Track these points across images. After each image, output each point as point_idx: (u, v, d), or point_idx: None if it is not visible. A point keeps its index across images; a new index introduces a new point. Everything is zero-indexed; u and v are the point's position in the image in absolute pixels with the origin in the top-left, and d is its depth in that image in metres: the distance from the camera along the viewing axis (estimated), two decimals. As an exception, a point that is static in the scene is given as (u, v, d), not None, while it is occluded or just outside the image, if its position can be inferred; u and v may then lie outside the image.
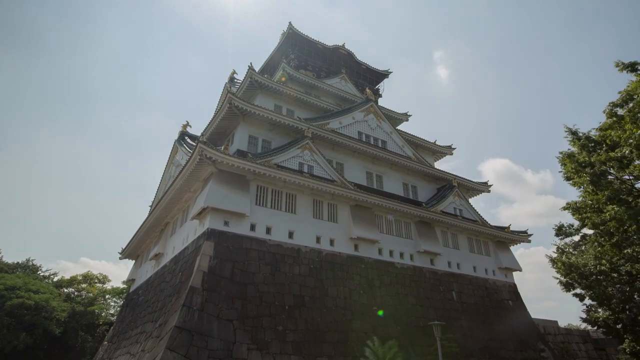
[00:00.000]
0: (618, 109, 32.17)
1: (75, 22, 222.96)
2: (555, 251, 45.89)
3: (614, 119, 32.18)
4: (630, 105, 30.59)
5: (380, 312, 36.13)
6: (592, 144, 34.00)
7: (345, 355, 31.95)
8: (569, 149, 36.11)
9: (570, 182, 36.04)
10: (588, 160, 32.73)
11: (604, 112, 33.13)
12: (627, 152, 29.72)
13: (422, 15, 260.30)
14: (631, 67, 30.62)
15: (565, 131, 35.80)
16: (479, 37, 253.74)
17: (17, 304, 58.90)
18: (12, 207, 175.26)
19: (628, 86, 31.30)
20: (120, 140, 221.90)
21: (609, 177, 32.77)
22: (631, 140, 29.61)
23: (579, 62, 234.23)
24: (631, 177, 32.28)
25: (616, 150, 30.73)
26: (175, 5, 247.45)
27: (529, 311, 50.68)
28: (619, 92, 31.68)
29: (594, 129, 34.91)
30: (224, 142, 42.34)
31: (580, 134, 35.10)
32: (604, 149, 32.75)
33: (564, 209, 38.56)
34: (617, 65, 30.96)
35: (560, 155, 36.49)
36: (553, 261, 43.47)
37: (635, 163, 30.69)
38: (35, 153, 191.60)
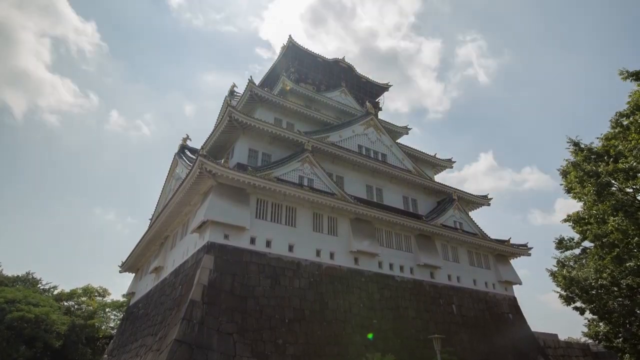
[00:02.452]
0: (624, 119, 32.17)
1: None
2: (555, 264, 45.87)
3: (619, 129, 32.20)
4: (637, 115, 30.57)
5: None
6: (594, 156, 34.00)
7: (345, 369, 31.92)
8: (566, 160, 36.21)
9: (571, 194, 36.04)
10: (595, 170, 32.50)
11: (610, 121, 33.16)
12: (634, 163, 29.66)
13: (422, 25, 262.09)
14: (636, 75, 30.57)
15: (568, 142, 35.75)
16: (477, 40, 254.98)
17: (17, 317, 58.96)
18: (12, 219, 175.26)
19: (630, 95, 31.33)
20: (120, 152, 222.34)
21: (612, 188, 32.71)
22: (636, 151, 29.63)
23: (583, 70, 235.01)
24: (632, 189, 32.26)
25: (622, 161, 30.66)
26: (175, 19, 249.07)
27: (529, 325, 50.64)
28: (627, 102, 31.70)
29: (597, 138, 34.92)
30: (224, 155, 42.54)
31: (583, 146, 35.07)
32: (606, 160, 32.68)
33: (565, 220, 38.57)
34: (622, 74, 30.91)
35: (561, 168, 36.55)
36: (553, 275, 43.42)
37: None
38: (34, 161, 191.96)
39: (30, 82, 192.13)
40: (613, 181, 32.38)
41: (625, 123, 32.06)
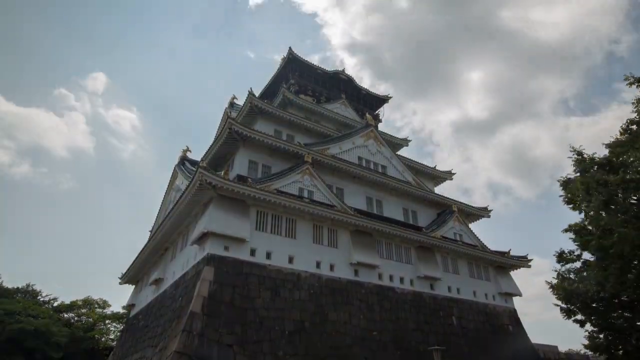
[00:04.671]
0: (635, 126, 31.93)
1: (76, 35, 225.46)
2: (555, 277, 45.67)
3: (627, 135, 32.00)
4: None
5: None
6: (596, 166, 33.84)
7: (345, 382, 31.89)
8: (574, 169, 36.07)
9: (571, 205, 35.90)
10: (605, 179, 32.04)
11: (620, 127, 32.97)
12: None
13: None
14: None
15: (571, 151, 35.59)
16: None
17: (16, 329, 58.78)
18: (12, 230, 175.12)
19: (633, 103, 31.20)
20: (121, 162, 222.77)
21: (619, 198, 32.48)
22: None
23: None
24: (637, 201, 32.03)
25: (631, 171, 30.45)
26: (175, 29, 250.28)
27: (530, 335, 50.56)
28: (633, 111, 31.39)
29: (603, 144, 34.72)
30: (224, 167, 42.67)
31: (586, 156, 34.90)
32: (607, 170, 32.44)
33: (566, 231, 38.43)
34: (627, 79, 30.70)
35: (562, 178, 36.44)
36: (553, 288, 43.25)
37: None
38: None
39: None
40: (619, 192, 32.12)
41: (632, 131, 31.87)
